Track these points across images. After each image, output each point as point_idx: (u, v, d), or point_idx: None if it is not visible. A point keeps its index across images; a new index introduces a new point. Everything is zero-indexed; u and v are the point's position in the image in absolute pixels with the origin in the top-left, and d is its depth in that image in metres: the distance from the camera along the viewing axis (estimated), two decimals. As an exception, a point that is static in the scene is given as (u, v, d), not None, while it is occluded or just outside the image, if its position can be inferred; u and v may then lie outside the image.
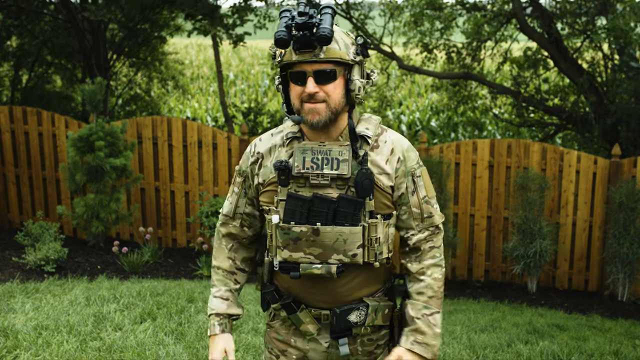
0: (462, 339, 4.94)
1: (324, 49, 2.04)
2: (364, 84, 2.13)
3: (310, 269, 2.12)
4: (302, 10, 2.01)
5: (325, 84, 2.06)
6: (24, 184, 7.89)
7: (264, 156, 2.22)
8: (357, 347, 2.26)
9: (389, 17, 11.04)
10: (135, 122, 7.59)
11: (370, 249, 2.12)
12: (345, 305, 2.18)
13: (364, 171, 2.08)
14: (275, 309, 2.28)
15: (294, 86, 2.10)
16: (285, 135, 2.19)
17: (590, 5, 9.24)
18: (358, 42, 2.11)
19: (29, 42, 10.76)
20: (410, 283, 2.24)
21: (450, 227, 7.02)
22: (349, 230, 2.09)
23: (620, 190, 6.59)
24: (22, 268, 6.30)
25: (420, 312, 2.20)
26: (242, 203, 2.30)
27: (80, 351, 4.19)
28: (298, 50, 2.04)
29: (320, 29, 1.99)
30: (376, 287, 2.25)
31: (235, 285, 2.34)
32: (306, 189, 2.12)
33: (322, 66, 2.05)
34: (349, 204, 2.09)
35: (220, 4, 9.59)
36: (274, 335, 2.33)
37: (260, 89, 19.40)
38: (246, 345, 4.44)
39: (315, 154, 2.11)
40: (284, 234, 2.12)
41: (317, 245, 2.11)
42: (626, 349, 4.91)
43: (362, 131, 2.15)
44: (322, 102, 2.07)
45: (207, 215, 7.02)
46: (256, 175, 2.22)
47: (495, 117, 12.44)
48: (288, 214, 2.12)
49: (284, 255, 2.13)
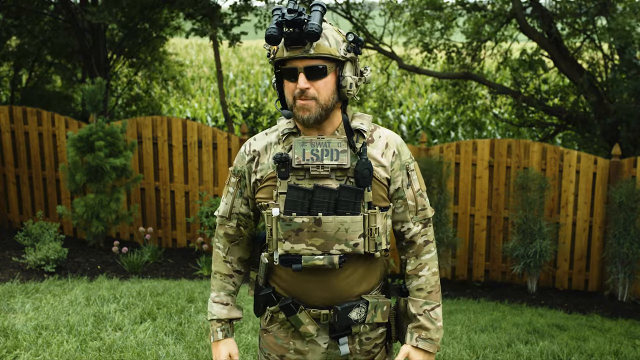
0: (462, 339, 4.94)
1: (313, 45, 2.07)
2: (356, 80, 2.16)
3: (312, 260, 2.12)
4: (292, 8, 2.05)
5: (316, 80, 2.10)
6: (24, 184, 7.89)
7: (260, 154, 2.24)
8: (356, 346, 2.27)
9: (389, 17, 11.04)
10: (135, 122, 7.59)
11: (371, 239, 2.14)
12: (346, 303, 2.19)
13: (364, 161, 2.12)
14: (272, 312, 2.26)
15: (287, 83, 2.14)
16: (281, 131, 2.21)
17: (590, 5, 9.24)
18: (349, 39, 2.14)
19: (29, 42, 10.76)
20: (408, 280, 2.29)
21: (450, 227, 7.03)
22: (350, 219, 2.11)
23: (620, 190, 6.59)
24: (22, 268, 6.30)
25: (421, 308, 2.26)
26: (237, 203, 2.31)
27: (80, 351, 4.19)
28: (289, 46, 2.08)
29: (309, 25, 2.03)
30: (374, 283, 2.27)
31: (233, 287, 2.37)
32: (306, 181, 2.14)
33: (313, 62, 2.09)
34: (350, 192, 2.12)
35: (220, 4, 9.59)
36: (272, 340, 2.31)
37: (260, 89, 19.40)
38: (246, 345, 4.44)
39: (315, 145, 2.14)
40: (285, 225, 2.12)
41: (319, 236, 2.12)
42: (626, 349, 4.91)
43: (357, 126, 2.19)
44: (312, 99, 2.10)
45: (207, 215, 7.02)
46: (254, 173, 2.23)
47: (495, 117, 12.44)
48: (289, 205, 2.13)
49: (286, 247, 2.13)
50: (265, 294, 2.26)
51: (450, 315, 5.82)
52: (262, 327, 2.36)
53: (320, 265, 2.13)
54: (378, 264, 2.27)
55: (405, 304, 2.31)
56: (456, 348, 4.68)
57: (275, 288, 2.27)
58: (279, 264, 2.17)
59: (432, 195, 6.93)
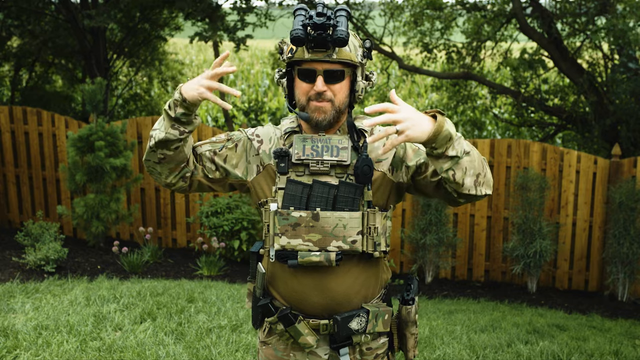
0: (462, 339, 4.94)
1: (336, 50, 2.08)
2: (366, 85, 2.19)
3: (308, 256, 2.10)
4: (321, 11, 2.05)
5: (334, 84, 2.11)
6: (24, 184, 7.89)
7: (262, 142, 2.24)
8: (357, 356, 2.23)
9: (389, 17, 11.04)
10: (135, 122, 7.59)
11: (369, 238, 2.12)
12: (346, 313, 2.16)
13: (364, 157, 2.11)
14: (271, 323, 2.22)
15: (300, 83, 2.13)
16: (283, 130, 2.22)
17: (590, 5, 9.23)
18: (365, 46, 2.15)
19: (29, 42, 10.76)
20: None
21: (450, 227, 7.03)
22: (348, 215, 2.10)
23: (620, 190, 6.59)
24: (22, 268, 6.30)
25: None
26: (209, 148, 2.24)
27: (80, 351, 4.19)
28: (312, 49, 2.08)
29: (338, 32, 2.03)
30: (373, 291, 2.23)
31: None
32: (305, 177, 2.14)
33: (333, 66, 2.09)
34: (350, 188, 2.11)
35: (221, 3, 9.58)
36: (271, 352, 2.28)
37: (260, 88, 19.39)
38: (246, 345, 4.44)
39: (315, 142, 2.14)
40: (282, 219, 2.11)
41: (316, 231, 2.10)
42: (626, 349, 4.91)
43: (359, 125, 2.20)
44: (329, 101, 2.11)
45: (207, 215, 7.02)
46: (255, 156, 2.22)
47: (495, 117, 12.44)
48: (287, 199, 2.12)
49: (282, 242, 2.11)
50: (263, 304, 2.21)
51: (450, 315, 5.82)
52: (261, 339, 2.32)
53: (317, 262, 2.10)
54: (377, 269, 2.23)
55: (407, 312, 2.27)
56: (456, 348, 4.68)
57: (272, 299, 2.23)
58: (275, 261, 2.15)
59: (432, 195, 6.93)
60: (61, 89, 12.49)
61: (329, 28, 2.04)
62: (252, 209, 7.05)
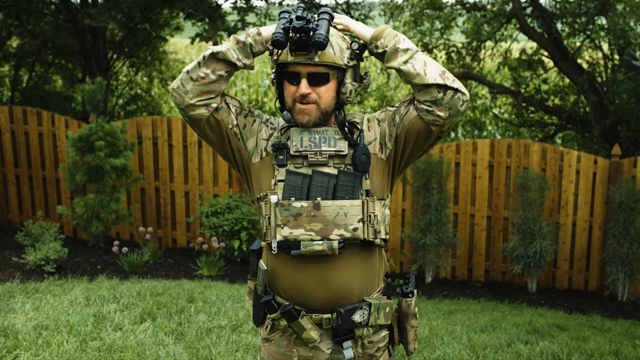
0: (462, 339, 4.94)
1: (318, 53, 2.10)
2: (355, 87, 2.20)
3: (311, 245, 2.12)
4: (300, 15, 2.07)
5: (318, 86, 2.13)
6: (24, 184, 7.89)
7: (275, 128, 2.27)
8: (358, 349, 2.26)
9: (389, 17, 11.03)
10: (135, 122, 7.59)
11: (369, 225, 2.14)
12: (349, 305, 2.19)
13: (361, 146, 2.15)
14: (273, 319, 2.23)
15: (288, 85, 2.17)
16: (281, 126, 2.26)
17: (590, 5, 9.23)
18: (353, 47, 2.16)
19: (29, 42, 10.76)
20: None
21: (450, 227, 7.03)
22: (349, 203, 2.13)
23: (620, 190, 6.59)
24: (22, 268, 6.30)
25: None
26: (237, 105, 2.25)
27: (80, 351, 4.19)
28: (294, 52, 2.10)
29: (316, 35, 2.05)
30: (374, 283, 2.26)
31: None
32: (304, 169, 2.17)
33: (316, 69, 2.12)
34: (349, 177, 2.15)
35: (221, 3, 9.57)
36: (274, 349, 2.29)
37: (260, 89, 19.39)
38: (246, 345, 4.44)
39: (313, 133, 2.18)
40: (284, 210, 2.13)
41: (318, 221, 2.12)
42: (626, 349, 4.91)
43: (351, 119, 2.24)
44: (313, 104, 2.14)
45: (207, 215, 7.02)
46: (263, 140, 2.23)
47: (495, 117, 12.44)
48: (288, 190, 2.14)
49: (284, 233, 2.13)
50: (265, 300, 2.22)
51: (450, 315, 5.82)
52: (263, 336, 2.33)
53: (320, 251, 2.12)
54: (376, 261, 2.26)
55: (407, 305, 2.31)
56: (456, 348, 4.68)
57: (275, 296, 2.25)
58: (276, 257, 2.16)
59: (432, 195, 6.93)
60: (61, 89, 12.48)
61: (309, 31, 2.06)
62: (252, 209, 7.05)
